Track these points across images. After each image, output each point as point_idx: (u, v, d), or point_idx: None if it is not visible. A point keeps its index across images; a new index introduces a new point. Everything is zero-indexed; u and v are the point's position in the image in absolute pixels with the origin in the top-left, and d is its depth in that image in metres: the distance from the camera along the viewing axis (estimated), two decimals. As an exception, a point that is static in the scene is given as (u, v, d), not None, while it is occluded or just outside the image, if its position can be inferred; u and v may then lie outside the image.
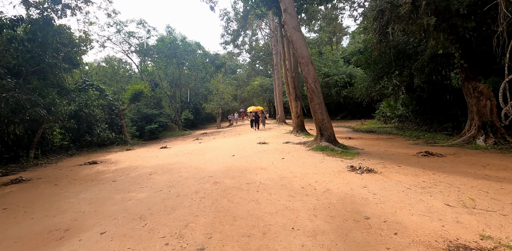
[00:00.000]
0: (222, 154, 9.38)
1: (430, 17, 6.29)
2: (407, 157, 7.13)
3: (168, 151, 11.94)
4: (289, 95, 15.25)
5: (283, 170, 6.18)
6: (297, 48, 8.49)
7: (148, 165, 8.32)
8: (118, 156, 11.60)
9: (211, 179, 5.72)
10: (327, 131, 9.00)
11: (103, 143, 15.72)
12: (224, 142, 13.68)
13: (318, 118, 8.90)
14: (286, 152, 8.69)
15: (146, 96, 18.76)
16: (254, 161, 7.47)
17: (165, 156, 10.23)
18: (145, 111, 22.33)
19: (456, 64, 9.52)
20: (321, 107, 8.82)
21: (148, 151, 13.02)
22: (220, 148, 11.20)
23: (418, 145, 9.37)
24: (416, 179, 4.96)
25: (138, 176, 6.71)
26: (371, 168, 5.91)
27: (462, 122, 11.90)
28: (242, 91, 45.90)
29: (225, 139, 15.49)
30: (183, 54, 24.32)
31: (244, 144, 11.81)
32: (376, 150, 8.48)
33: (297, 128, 14.79)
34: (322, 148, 8.52)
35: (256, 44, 37.50)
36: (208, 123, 43.79)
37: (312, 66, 8.48)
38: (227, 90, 29.08)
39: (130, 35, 23.63)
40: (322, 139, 9.01)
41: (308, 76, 8.54)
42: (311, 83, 8.57)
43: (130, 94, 17.64)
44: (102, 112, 16.17)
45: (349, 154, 7.74)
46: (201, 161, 8.19)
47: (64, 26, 12.32)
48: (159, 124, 22.97)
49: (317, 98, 8.69)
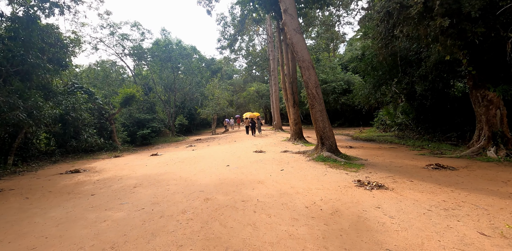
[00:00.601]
0: (216, 163, 8.71)
1: (444, 19, 5.83)
2: (417, 169, 6.56)
3: (158, 158, 11.22)
4: (287, 101, 14.72)
5: (283, 184, 5.55)
6: (297, 51, 7.98)
7: (134, 175, 7.60)
8: (105, 164, 10.84)
9: (201, 194, 5.06)
10: (328, 139, 8.43)
11: (91, 149, 14.90)
12: (219, 149, 13.01)
13: (319, 127, 8.34)
14: (285, 162, 8.07)
15: (138, 100, 18.07)
16: (251, 173, 6.82)
17: (155, 164, 9.51)
18: (137, 116, 21.56)
19: (463, 71, 9.11)
20: (323, 114, 8.26)
21: (138, 158, 12.26)
22: (214, 156, 10.53)
23: (424, 155, 8.83)
24: (434, 198, 4.37)
25: (120, 189, 6.01)
26: (381, 183, 5.32)
27: (467, 132, 11.47)
28: (238, 97, 45.42)
29: (219, 146, 14.82)
30: (178, 58, 23.77)
31: (239, 152, 11.16)
32: (381, 161, 7.92)
33: (295, 135, 14.21)
34: (323, 158, 7.92)
35: (253, 50, 37.26)
36: (203, 129, 43.04)
37: (313, 71, 7.96)
38: (223, 95, 28.51)
39: (123, 38, 23.02)
40: (323, 149, 8.42)
41: (309, 81, 8.00)
42: (312, 88, 8.04)
43: (121, 98, 16.92)
44: (91, 117, 15.41)
45: (354, 166, 7.15)
46: (192, 172, 7.51)
47: (51, 25, 11.70)
48: (152, 130, 22.19)
49: (318, 105, 8.14)
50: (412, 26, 6.45)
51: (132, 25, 23.22)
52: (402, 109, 16.97)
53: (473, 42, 7.97)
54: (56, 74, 13.98)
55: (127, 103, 17.24)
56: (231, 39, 23.99)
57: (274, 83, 26.51)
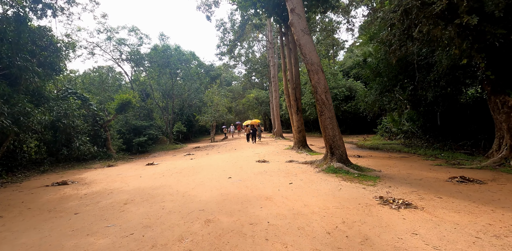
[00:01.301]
0: (217, 174, 8.01)
1: (472, 17, 5.30)
2: (441, 183, 5.91)
3: (154, 168, 10.48)
4: (290, 108, 14.14)
5: (295, 201, 4.86)
6: (305, 54, 7.42)
7: (127, 189, 6.88)
8: (96, 174, 10.08)
9: (202, 215, 4.36)
10: (338, 149, 7.78)
11: (83, 158, 14.14)
12: (219, 158, 12.30)
13: (329, 135, 7.70)
14: (292, 174, 7.38)
15: (135, 106, 17.41)
16: (256, 187, 6.13)
17: (150, 175, 8.78)
18: (133, 123, 20.84)
19: (480, 76, 8.57)
20: (332, 122, 7.64)
21: (132, 168, 11.52)
22: (214, 166, 9.82)
23: (441, 166, 8.19)
24: (476, 220, 3.70)
25: (109, 206, 5.28)
26: (407, 200, 4.65)
27: (481, 140, 10.88)
28: (237, 104, 44.95)
29: (219, 154, 14.11)
30: (176, 63, 23.27)
31: (241, 161, 10.47)
32: (396, 173, 7.26)
33: (298, 143, 13.56)
34: (334, 169, 7.25)
35: (252, 56, 37.00)
36: (202, 136, 42.23)
37: (323, 74, 7.39)
38: (222, 102, 27.95)
39: (121, 43, 22.52)
40: (333, 159, 7.76)
41: (318, 85, 7.42)
42: (321, 93, 7.44)
43: (117, 104, 16.26)
44: (84, 124, 14.71)
45: (369, 178, 6.48)
46: (190, 184, 6.80)
47: (44, 27, 11.14)
48: (149, 137, 21.45)
49: (327, 112, 7.53)
50: (432, 26, 5.91)
51: (130, 30, 22.78)
52: (408, 117, 16.42)
53: (492, 45, 7.47)
54: (49, 79, 13.37)
55: (122, 109, 16.58)
56: (231, 45, 23.61)
57: (275, 90, 26.01)
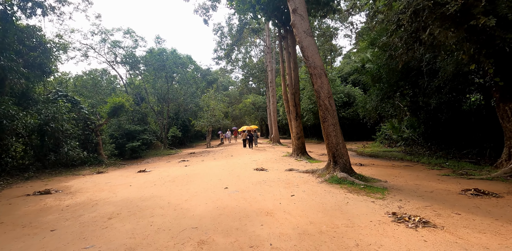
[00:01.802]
0: (212, 184, 7.48)
1: (489, 18, 4.97)
2: (454, 196, 5.48)
3: (146, 176, 9.91)
4: (289, 113, 13.74)
5: (299, 217, 4.37)
6: (308, 56, 7.04)
7: (114, 200, 6.32)
8: (83, 182, 9.47)
9: (195, 234, 3.84)
10: (342, 158, 7.34)
11: (72, 163, 13.47)
12: (214, 165, 11.77)
13: (332, 143, 7.26)
14: (293, 184, 6.90)
15: (128, 110, 16.85)
16: (255, 199, 5.62)
17: (140, 184, 8.22)
18: (127, 127, 20.21)
19: (488, 82, 8.27)
20: (336, 129, 7.22)
21: (123, 175, 10.92)
22: (209, 174, 9.29)
23: (449, 176, 7.78)
24: (507, 243, 3.26)
25: (91, 221, 4.73)
26: (423, 216, 4.20)
27: (487, 149, 10.55)
28: (233, 109, 44.54)
29: (215, 161, 13.57)
30: (172, 67, 22.82)
31: (238, 169, 9.96)
32: (404, 184, 6.82)
33: (297, 150, 13.11)
34: (338, 180, 6.79)
35: (249, 61, 36.79)
36: (198, 141, 41.56)
37: (326, 79, 7.01)
38: (219, 107, 27.50)
39: (115, 45, 22.04)
40: (336, 168, 7.31)
41: (321, 90, 7.02)
42: (324, 99, 7.03)
43: (109, 107, 15.68)
44: (75, 128, 14.09)
45: (376, 190, 6.03)
46: (184, 196, 6.27)
47: (33, 27, 10.65)
48: (142, 142, 20.81)
49: (331, 118, 7.11)
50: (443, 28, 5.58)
51: (125, 32, 22.36)
52: (408, 124, 16.13)
53: (502, 50, 7.18)
54: (38, 81, 12.83)
55: (115, 113, 16.00)
56: (228, 49, 23.33)
57: (272, 95, 25.69)
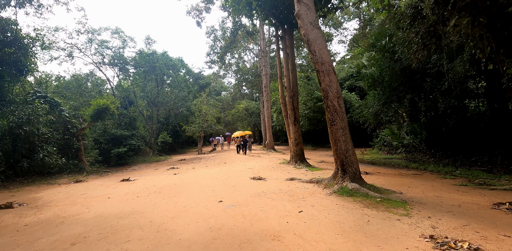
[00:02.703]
0: (204, 196, 6.51)
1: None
2: (489, 212, 4.68)
3: (129, 186, 8.83)
4: (286, 118, 12.93)
5: (315, 243, 3.46)
6: (315, 51, 6.28)
7: (85, 216, 5.27)
8: (56, 193, 8.33)
9: (181, 269, 2.88)
10: (352, 166, 6.51)
11: (49, 171, 12.21)
12: (207, 173, 10.76)
13: (341, 149, 6.44)
14: (298, 196, 6.00)
15: (114, 113, 15.70)
16: (256, 216, 4.69)
17: (121, 196, 7.16)
18: (113, 132, 18.97)
19: (505, 84, 7.66)
20: (345, 133, 6.41)
21: (103, 184, 9.79)
22: (201, 184, 8.30)
23: (467, 187, 7.04)
24: None
25: (48, 248, 3.70)
26: (469, 241, 3.36)
27: (498, 156, 9.93)
28: (226, 115, 43.62)
29: (207, 169, 12.55)
30: (163, 69, 21.83)
31: (233, 178, 8.99)
32: (422, 195, 6.02)
33: (295, 157, 12.25)
34: (349, 191, 5.93)
35: (243, 66, 36.20)
36: (189, 147, 40.23)
37: (335, 76, 6.24)
38: (211, 112, 26.53)
39: (102, 45, 20.92)
40: (345, 177, 6.46)
41: (329, 89, 6.23)
42: (332, 99, 6.23)
43: (93, 110, 14.52)
44: (53, 132, 12.89)
45: (396, 204, 5.19)
46: (170, 211, 5.28)
47: (7, 19, 9.61)
48: (130, 148, 19.57)
49: (340, 121, 6.31)
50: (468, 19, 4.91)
51: (114, 32, 21.30)
52: (409, 130, 15.56)
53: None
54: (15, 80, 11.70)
55: (99, 116, 14.83)
56: (222, 52, 22.60)
57: (266, 100, 24.96)
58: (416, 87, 12.01)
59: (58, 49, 19.62)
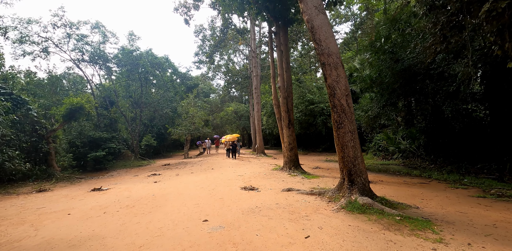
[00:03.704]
0: (186, 212, 5.39)
1: None
2: (536, 235, 3.82)
3: (98, 197, 7.57)
4: (280, 120, 11.97)
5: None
6: (320, 40, 5.35)
7: (28, 243, 4.06)
8: (8, 206, 6.96)
9: None
10: (360, 176, 5.57)
11: (10, 178, 10.70)
12: (191, 181, 9.60)
13: (349, 156, 5.49)
14: (300, 214, 4.98)
15: (89, 114, 14.23)
16: (251, 245, 3.63)
17: (85, 211, 5.93)
18: (90, 134, 17.41)
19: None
20: (354, 137, 5.48)
21: (70, 195, 8.45)
22: (183, 195, 7.15)
23: (486, 199, 6.25)
24: None
25: None
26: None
27: (506, 163, 9.29)
28: (214, 118, 42.33)
29: (192, 176, 11.36)
30: (147, 67, 20.46)
31: (221, 188, 7.89)
32: (442, 211, 5.15)
33: (289, 163, 11.28)
34: (360, 207, 4.98)
35: (232, 67, 35.26)
36: (175, 151, 38.52)
37: (343, 71, 5.33)
38: (199, 114, 25.29)
39: (82, 40, 19.29)
40: (353, 189, 5.51)
41: (336, 85, 5.29)
42: (340, 97, 5.30)
43: (65, 110, 13.04)
44: (18, 133, 11.38)
45: (420, 224, 4.26)
46: (140, 236, 4.14)
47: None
48: (109, 152, 18.03)
49: (348, 123, 5.38)
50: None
51: (94, 26, 19.73)
52: (406, 134, 14.93)
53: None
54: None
55: (72, 117, 13.36)
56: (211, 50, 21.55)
57: (257, 102, 24.03)
58: (417, 89, 11.33)
59: (32, 44, 17.95)
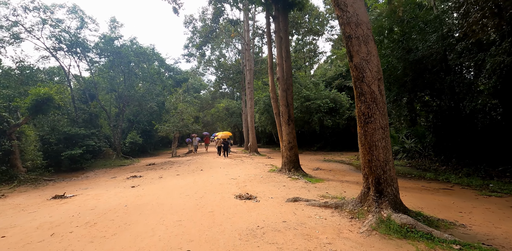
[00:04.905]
0: (162, 235, 3.98)
1: None
2: None
3: (55, 209, 6.05)
4: (278, 116, 10.65)
5: None
6: (346, 5, 4.00)
7: None
8: None
9: None
10: (391, 185, 4.31)
11: (-41, 181, 9.00)
12: (175, 187, 8.15)
13: (379, 159, 4.22)
14: (320, 240, 3.65)
15: (61, 106, 12.42)
16: None
17: (27, 233, 4.44)
18: (65, 130, 15.62)
19: None
20: (386, 135, 4.21)
21: (22, 204, 6.87)
22: (163, 206, 5.72)
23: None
24: None
25: None
26: None
27: (534, 166, 8.28)
28: (205, 114, 40.64)
29: (178, 179, 9.90)
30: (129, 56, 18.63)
31: (210, 196, 6.49)
32: (499, 232, 3.95)
33: (289, 164, 9.97)
34: (398, 229, 3.70)
35: (224, 61, 33.73)
36: (163, 149, 36.56)
37: (375, 46, 4.03)
38: (188, 110, 23.68)
39: (57, 26, 17.22)
40: (383, 202, 4.24)
41: (366, 66, 3.98)
42: (371, 81, 3.99)
43: (31, 101, 11.25)
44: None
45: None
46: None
47: None
48: (87, 150, 16.29)
49: (380, 116, 4.09)
50: None
51: (70, 11, 17.72)
52: (411, 132, 13.89)
53: None
54: None
55: (39, 110, 11.60)
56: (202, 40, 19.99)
57: (250, 98, 22.66)
58: (430, 83, 10.19)
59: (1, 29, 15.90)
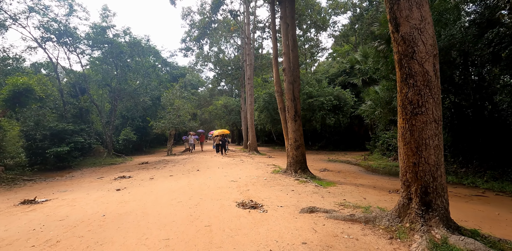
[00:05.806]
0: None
1: None
2: None
3: (16, 219, 4.98)
4: (283, 111, 9.63)
5: None
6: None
7: None
8: None
9: None
10: (442, 195, 3.33)
11: None
12: (167, 191, 7.10)
13: (428, 162, 3.22)
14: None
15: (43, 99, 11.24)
16: None
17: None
18: (51, 126, 14.47)
19: None
20: (439, 131, 3.21)
21: (-15, 210, 5.81)
22: (149, 216, 4.68)
23: None
24: None
25: None
26: None
27: None
28: (202, 112, 39.51)
29: (171, 180, 8.84)
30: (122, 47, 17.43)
31: (207, 203, 5.45)
32: None
33: (295, 164, 8.95)
34: (465, 258, 2.70)
35: (223, 57, 32.65)
36: (159, 146, 35.17)
37: (429, 12, 3.02)
38: (185, 106, 22.58)
39: (46, 15, 16.02)
40: (432, 218, 3.26)
41: (419, 37, 2.96)
42: (423, 59, 2.98)
43: (7, 92, 10.07)
44: None
45: None
46: None
47: None
48: (75, 147, 15.16)
49: (434, 105, 3.09)
50: None
51: (58, -2, 16.53)
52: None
53: None
54: None
55: (18, 102, 10.40)
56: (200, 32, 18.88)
57: (250, 94, 21.62)
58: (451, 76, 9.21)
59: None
